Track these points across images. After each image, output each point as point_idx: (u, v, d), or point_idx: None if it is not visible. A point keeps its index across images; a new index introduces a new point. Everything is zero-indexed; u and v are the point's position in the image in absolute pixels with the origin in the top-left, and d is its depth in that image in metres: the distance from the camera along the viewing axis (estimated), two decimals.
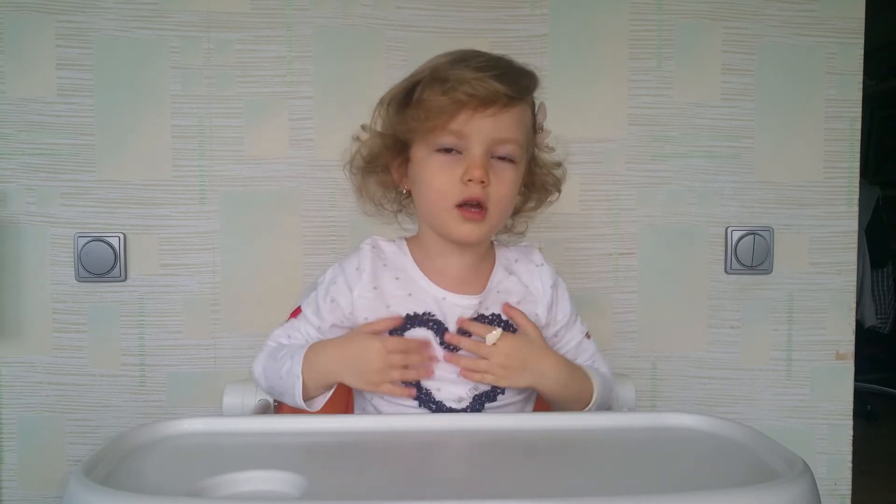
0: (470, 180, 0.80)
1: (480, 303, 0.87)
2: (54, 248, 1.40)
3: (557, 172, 0.93)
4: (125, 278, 1.41)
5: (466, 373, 0.83)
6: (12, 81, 1.38)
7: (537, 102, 0.89)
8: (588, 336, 0.94)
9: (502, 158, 0.83)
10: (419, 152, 0.85)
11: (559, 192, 0.94)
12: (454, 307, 0.86)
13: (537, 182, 0.92)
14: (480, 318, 0.87)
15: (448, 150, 0.82)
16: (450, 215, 0.82)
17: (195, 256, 1.42)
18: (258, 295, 1.42)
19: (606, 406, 0.90)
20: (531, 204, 0.94)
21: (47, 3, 1.37)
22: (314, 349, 0.84)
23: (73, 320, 1.41)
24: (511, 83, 0.80)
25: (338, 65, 1.41)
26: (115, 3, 1.38)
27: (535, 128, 0.88)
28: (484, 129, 0.80)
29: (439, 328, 0.85)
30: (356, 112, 0.91)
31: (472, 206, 0.81)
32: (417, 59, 1.45)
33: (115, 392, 1.42)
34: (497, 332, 0.82)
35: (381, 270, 0.88)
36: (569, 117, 1.44)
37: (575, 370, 0.87)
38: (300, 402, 0.82)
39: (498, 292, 0.89)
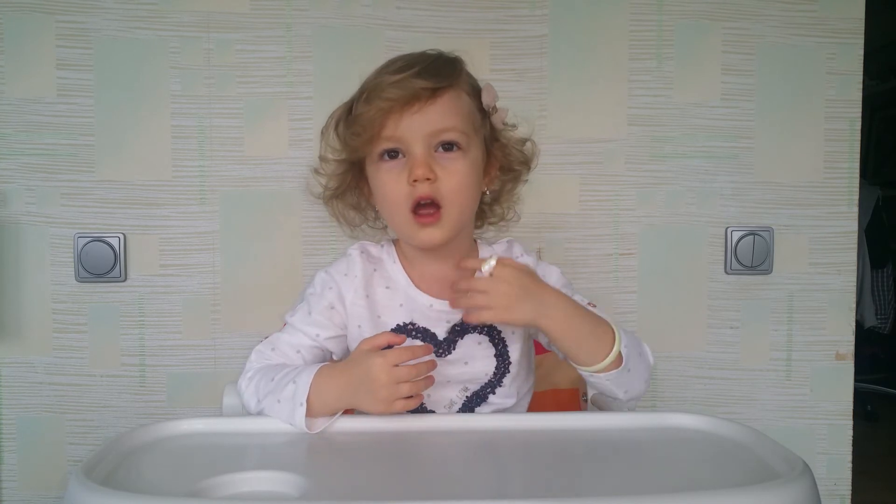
0: (415, 181, 0.80)
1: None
2: (54, 249, 1.40)
3: (526, 149, 0.92)
4: (125, 278, 1.41)
5: (469, 314, 0.78)
6: (12, 81, 1.38)
7: (482, 84, 0.88)
8: (593, 305, 0.86)
9: (448, 150, 0.82)
10: (370, 166, 0.86)
11: (528, 168, 0.93)
12: (440, 314, 0.86)
13: (505, 164, 0.91)
14: (464, 323, 0.86)
15: (394, 156, 0.83)
16: (407, 223, 0.82)
17: (195, 256, 1.42)
18: (258, 295, 1.42)
19: (640, 372, 0.82)
20: (508, 187, 0.93)
21: (47, 3, 1.37)
22: (322, 374, 0.77)
23: (73, 320, 1.41)
24: (430, 75, 0.80)
25: (338, 65, 1.41)
26: (115, 3, 1.38)
27: (483, 112, 0.87)
28: (415, 126, 0.80)
29: (427, 337, 0.86)
30: None
31: (425, 209, 0.81)
32: None
33: (114, 392, 1.42)
34: (492, 260, 0.77)
35: (372, 277, 0.88)
36: (569, 117, 1.44)
37: (584, 309, 0.81)
38: (300, 426, 0.74)
39: None
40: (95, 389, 1.42)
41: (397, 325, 0.86)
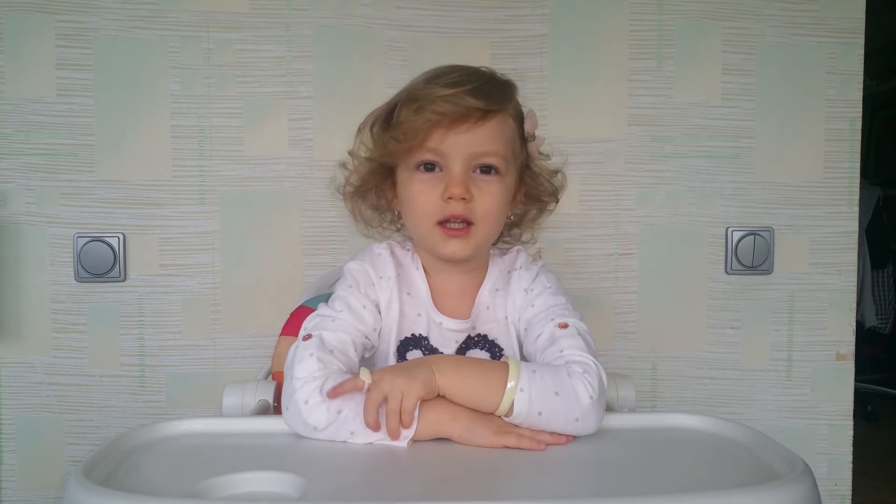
0: (450, 198, 0.79)
1: (472, 326, 0.86)
2: (54, 249, 1.40)
3: (555, 180, 0.92)
4: (125, 278, 1.41)
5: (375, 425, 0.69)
6: (12, 81, 1.38)
7: (525, 110, 0.87)
8: (564, 326, 0.80)
9: (485, 172, 0.81)
10: (402, 173, 0.85)
11: (556, 200, 0.93)
12: (448, 332, 0.85)
13: (534, 192, 0.90)
14: (469, 340, 0.86)
15: (430, 169, 0.82)
16: (434, 233, 0.82)
17: (195, 256, 1.42)
18: (258, 295, 1.42)
19: (558, 415, 0.70)
20: (531, 214, 0.93)
21: (47, 3, 1.37)
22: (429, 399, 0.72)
23: (72, 320, 1.41)
24: (483, 96, 0.79)
25: (338, 65, 1.41)
26: (115, 3, 1.38)
27: (523, 137, 0.86)
28: (460, 145, 0.79)
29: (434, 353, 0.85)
30: (356, 112, 0.91)
31: (456, 224, 0.81)
32: (417, 58, 1.45)
33: (114, 392, 1.42)
34: (364, 374, 0.71)
35: (398, 283, 0.86)
36: (569, 117, 1.44)
37: (478, 361, 0.77)
38: (400, 442, 0.69)
39: (487, 308, 0.87)
40: (95, 389, 1.42)
41: (412, 334, 0.85)
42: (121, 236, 1.40)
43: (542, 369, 0.73)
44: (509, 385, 0.70)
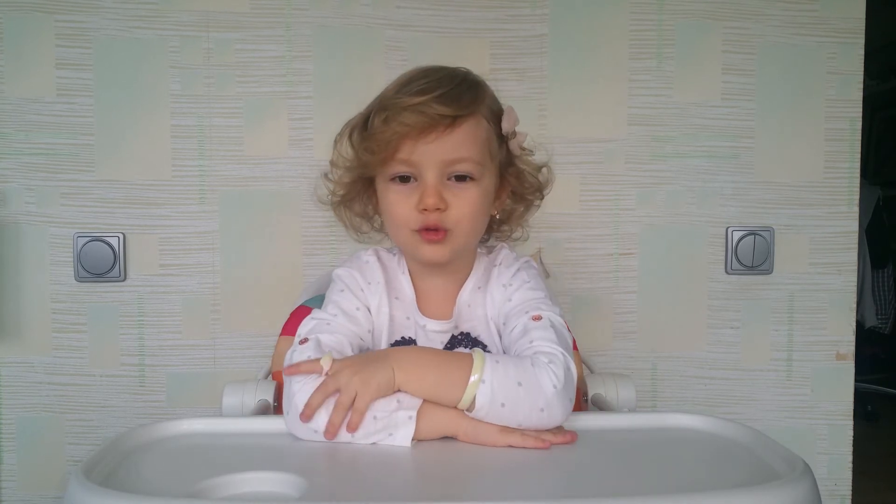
0: (425, 209, 0.79)
1: (455, 326, 0.86)
2: (54, 248, 1.40)
3: (541, 176, 0.90)
4: (125, 278, 1.41)
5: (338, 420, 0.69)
6: (12, 81, 1.38)
7: (505, 108, 0.86)
8: (538, 318, 0.79)
9: (460, 179, 0.81)
10: (380, 183, 0.84)
11: (542, 197, 0.92)
12: (433, 334, 0.86)
13: (518, 190, 0.90)
14: (453, 340, 0.86)
15: (405, 179, 0.81)
16: (412, 239, 0.82)
17: (195, 256, 1.42)
18: (258, 295, 1.42)
19: (521, 405, 0.70)
20: (518, 211, 0.92)
21: (47, 3, 1.37)
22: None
23: (72, 320, 1.41)
24: (452, 102, 0.77)
25: (337, 65, 1.41)
26: (115, 3, 1.38)
27: (501, 136, 0.85)
28: (431, 154, 0.78)
29: None
30: (356, 112, 0.91)
31: (432, 229, 0.80)
32: (417, 58, 1.45)
33: (114, 392, 1.42)
34: (325, 359, 0.72)
35: (387, 288, 0.87)
36: (569, 117, 1.44)
37: (439, 352, 0.76)
38: (401, 441, 0.69)
39: (469, 306, 0.87)
40: (95, 389, 1.42)
41: (402, 337, 0.86)
42: (121, 236, 1.40)
43: (506, 360, 0.72)
44: (472, 378, 0.69)
